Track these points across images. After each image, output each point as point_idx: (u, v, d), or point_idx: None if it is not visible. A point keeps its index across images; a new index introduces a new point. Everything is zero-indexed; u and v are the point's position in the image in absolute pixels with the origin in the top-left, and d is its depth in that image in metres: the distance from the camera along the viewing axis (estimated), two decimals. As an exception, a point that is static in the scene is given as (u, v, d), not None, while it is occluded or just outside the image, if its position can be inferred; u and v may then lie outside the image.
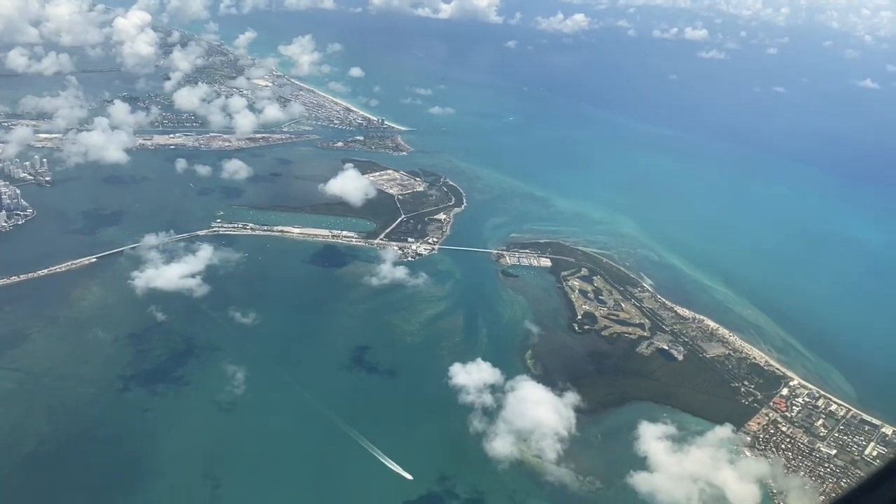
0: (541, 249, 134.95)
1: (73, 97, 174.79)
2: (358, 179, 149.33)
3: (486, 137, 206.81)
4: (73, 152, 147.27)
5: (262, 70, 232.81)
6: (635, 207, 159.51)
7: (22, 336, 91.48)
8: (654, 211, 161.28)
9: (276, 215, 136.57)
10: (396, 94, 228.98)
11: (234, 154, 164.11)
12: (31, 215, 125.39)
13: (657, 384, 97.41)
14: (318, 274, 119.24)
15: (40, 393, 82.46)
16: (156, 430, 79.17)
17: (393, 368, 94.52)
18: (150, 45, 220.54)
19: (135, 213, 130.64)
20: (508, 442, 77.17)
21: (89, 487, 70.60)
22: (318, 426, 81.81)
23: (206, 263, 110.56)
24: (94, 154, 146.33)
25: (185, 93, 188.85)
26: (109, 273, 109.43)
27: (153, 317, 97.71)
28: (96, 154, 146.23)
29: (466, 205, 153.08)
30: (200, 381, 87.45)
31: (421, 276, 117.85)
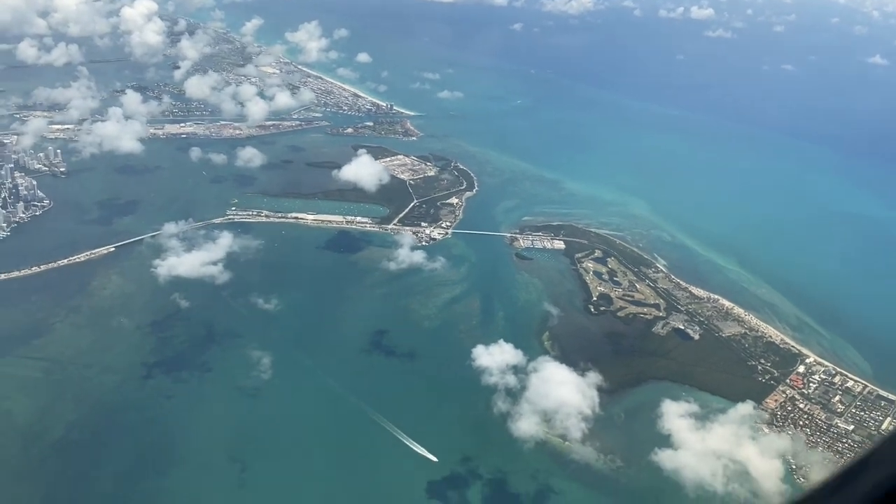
0: (554, 232, 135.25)
1: (85, 88, 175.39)
2: (371, 165, 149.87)
3: (495, 121, 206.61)
4: (88, 143, 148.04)
5: (269, 57, 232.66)
6: (646, 188, 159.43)
7: (46, 326, 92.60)
8: (666, 191, 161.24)
9: (290, 202, 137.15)
10: (404, 79, 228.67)
11: (246, 142, 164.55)
12: (47, 206, 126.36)
13: (674, 363, 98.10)
14: (334, 260, 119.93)
15: (66, 381, 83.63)
16: (181, 416, 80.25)
17: (412, 352, 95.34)
18: (157, 34, 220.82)
19: (150, 202, 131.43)
20: (532, 422, 78.12)
21: (118, 472, 71.72)
22: (340, 410, 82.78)
23: (227, 251, 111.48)
24: (109, 144, 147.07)
25: (195, 81, 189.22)
26: (128, 262, 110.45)
27: (174, 304, 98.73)
28: (111, 144, 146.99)
29: (478, 189, 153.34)
30: (223, 367, 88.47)
31: (436, 260, 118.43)
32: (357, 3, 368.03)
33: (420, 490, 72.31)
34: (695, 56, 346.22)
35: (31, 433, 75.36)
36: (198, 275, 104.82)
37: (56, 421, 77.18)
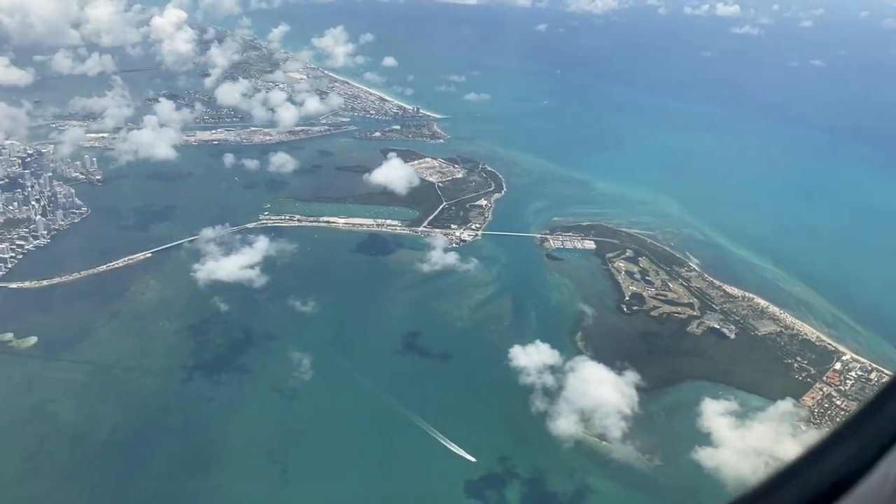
0: (584, 232, 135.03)
1: (119, 96, 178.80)
2: (401, 168, 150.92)
3: (522, 122, 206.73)
4: (124, 150, 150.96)
5: (297, 63, 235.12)
6: (677, 187, 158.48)
7: (88, 330, 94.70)
8: (696, 190, 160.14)
9: (321, 206, 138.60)
10: (431, 82, 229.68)
11: (276, 147, 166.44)
12: (85, 213, 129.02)
13: (710, 362, 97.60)
14: (367, 262, 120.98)
15: (109, 384, 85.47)
16: (221, 418, 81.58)
17: (446, 353, 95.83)
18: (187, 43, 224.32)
19: (184, 208, 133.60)
20: (571, 421, 78.29)
21: (162, 473, 73.10)
22: (377, 410, 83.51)
23: (263, 255, 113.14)
24: (144, 152, 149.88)
25: (226, 88, 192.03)
26: (166, 267, 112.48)
27: (212, 308, 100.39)
28: (146, 152, 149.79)
29: (506, 190, 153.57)
30: (261, 370, 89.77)
31: (466, 262, 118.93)
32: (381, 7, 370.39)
33: (458, 490, 72.72)
34: (721, 53, 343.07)
35: (77, 435, 77.19)
36: (235, 278, 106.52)
37: (101, 423, 78.94)
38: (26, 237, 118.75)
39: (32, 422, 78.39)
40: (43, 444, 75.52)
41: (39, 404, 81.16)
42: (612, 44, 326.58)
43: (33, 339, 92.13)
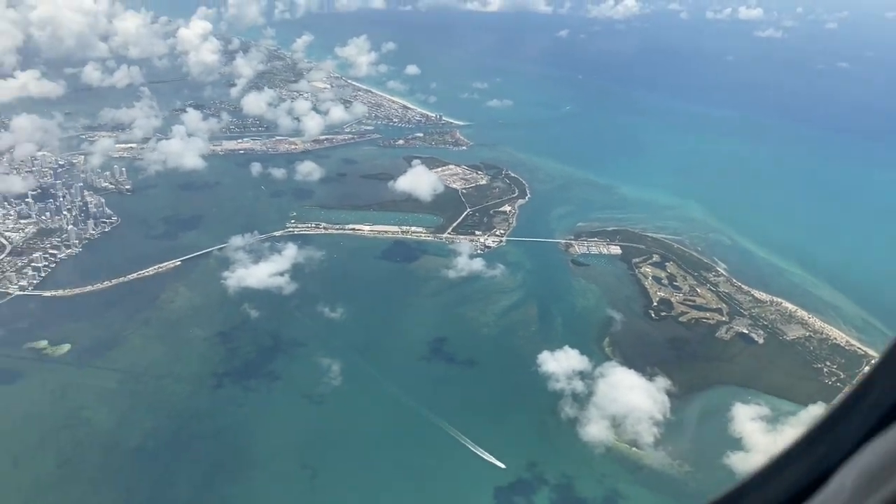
0: (609, 237, 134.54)
1: (148, 107, 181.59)
2: (426, 175, 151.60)
3: (545, 128, 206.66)
4: (153, 160, 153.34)
5: (320, 73, 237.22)
6: (702, 191, 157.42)
7: (119, 338, 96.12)
8: (722, 194, 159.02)
9: (347, 213, 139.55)
10: (453, 90, 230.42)
11: (301, 156, 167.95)
12: (115, 222, 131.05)
13: (740, 368, 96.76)
14: (392, 269, 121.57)
15: (141, 391, 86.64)
16: (251, 424, 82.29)
17: (472, 359, 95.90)
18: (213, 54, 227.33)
19: (212, 216, 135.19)
20: (601, 427, 78.01)
21: (193, 479, 73.95)
22: (405, 417, 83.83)
23: (291, 262, 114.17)
24: (173, 161, 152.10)
25: (252, 98, 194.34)
26: (195, 275, 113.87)
27: (242, 315, 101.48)
28: (174, 161, 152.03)
29: (530, 196, 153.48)
30: (290, 376, 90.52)
31: (491, 268, 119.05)
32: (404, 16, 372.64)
33: (488, 496, 72.70)
34: (745, 56, 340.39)
35: (111, 441, 78.35)
36: (264, 286, 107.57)
37: (133, 429, 80.00)
38: (59, 246, 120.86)
39: (67, 428, 79.70)
40: (77, 449, 76.77)
41: (73, 411, 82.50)
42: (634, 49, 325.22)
43: (67, 347, 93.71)
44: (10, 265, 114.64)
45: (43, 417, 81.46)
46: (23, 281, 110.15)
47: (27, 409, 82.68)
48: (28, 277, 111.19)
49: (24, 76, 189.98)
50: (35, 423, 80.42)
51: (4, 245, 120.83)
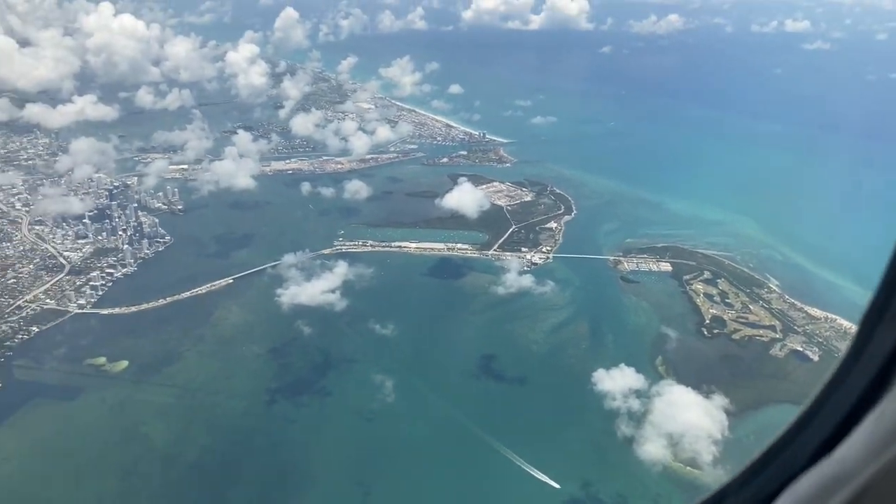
0: (659, 254, 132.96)
1: (199, 129, 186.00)
2: (472, 192, 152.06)
3: (590, 144, 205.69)
4: (205, 181, 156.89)
5: (365, 93, 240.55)
6: (753, 206, 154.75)
7: (175, 355, 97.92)
8: (773, 209, 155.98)
9: (393, 231, 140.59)
10: (496, 108, 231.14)
11: (348, 175, 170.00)
12: (168, 242, 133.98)
13: (795, 386, 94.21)
14: (439, 286, 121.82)
15: (197, 407, 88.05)
16: (305, 440, 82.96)
17: (522, 376, 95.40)
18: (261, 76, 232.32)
19: (262, 235, 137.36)
20: (658, 446, 76.72)
21: (250, 495, 74.78)
22: (457, 434, 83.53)
23: (342, 279, 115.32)
24: (224, 182, 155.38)
25: (300, 119, 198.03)
26: (247, 292, 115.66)
27: (293, 332, 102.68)
28: (225, 182, 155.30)
29: (576, 212, 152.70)
30: (341, 392, 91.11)
31: (539, 285, 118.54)
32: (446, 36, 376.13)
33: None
34: (793, 69, 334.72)
35: (168, 456, 79.61)
36: (315, 303, 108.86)
37: (190, 445, 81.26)
38: (115, 266, 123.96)
39: (126, 443, 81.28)
40: (137, 464, 78.17)
41: (132, 426, 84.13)
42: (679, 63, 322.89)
43: (124, 363, 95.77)
44: (69, 284, 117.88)
45: (103, 432, 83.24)
46: (81, 299, 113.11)
47: (88, 424, 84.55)
48: (86, 296, 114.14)
49: (81, 101, 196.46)
50: (96, 438, 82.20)
51: (63, 265, 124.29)
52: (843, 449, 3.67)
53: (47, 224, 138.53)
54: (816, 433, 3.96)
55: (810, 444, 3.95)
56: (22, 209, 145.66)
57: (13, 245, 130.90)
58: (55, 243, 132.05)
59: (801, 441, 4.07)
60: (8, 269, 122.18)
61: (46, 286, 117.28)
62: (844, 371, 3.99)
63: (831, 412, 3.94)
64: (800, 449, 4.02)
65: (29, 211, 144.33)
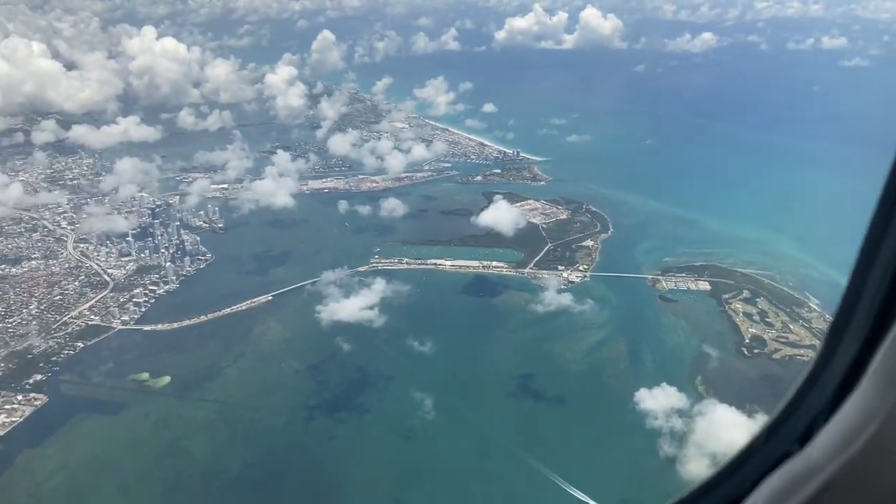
0: (697, 272, 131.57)
1: (239, 149, 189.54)
2: (506, 210, 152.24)
3: (625, 162, 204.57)
4: (245, 199, 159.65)
5: (400, 113, 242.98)
6: (792, 225, 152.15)
7: (216, 370, 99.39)
8: (813, 228, 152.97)
9: (428, 249, 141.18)
10: (531, 126, 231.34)
11: (383, 194, 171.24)
12: (209, 259, 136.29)
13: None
14: (475, 304, 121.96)
15: (238, 422, 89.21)
16: (344, 457, 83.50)
17: (561, 396, 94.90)
18: (300, 97, 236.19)
19: (300, 252, 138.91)
20: (702, 465, 75.64)
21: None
22: (495, 454, 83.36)
23: (379, 296, 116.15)
24: (263, 201, 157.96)
25: (337, 139, 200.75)
26: (286, 309, 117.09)
27: (331, 348, 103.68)
28: (265, 200, 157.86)
29: (613, 230, 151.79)
30: (379, 410, 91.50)
31: (576, 303, 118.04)
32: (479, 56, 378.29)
33: (582, 536, 71.36)
34: (831, 87, 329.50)
35: (210, 471, 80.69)
36: (353, 320, 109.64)
37: (231, 460, 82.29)
38: (157, 283, 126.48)
39: (169, 457, 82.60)
40: (180, 478, 79.40)
41: (175, 441, 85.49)
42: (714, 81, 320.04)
43: (167, 379, 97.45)
44: (112, 301, 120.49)
45: (146, 447, 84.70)
46: (125, 316, 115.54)
47: (131, 438, 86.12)
48: (130, 312, 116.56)
49: (125, 122, 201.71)
50: (139, 452, 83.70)
51: (107, 282, 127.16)
52: (811, 447, 3.96)
53: (92, 242, 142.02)
54: (789, 432, 4.26)
55: (783, 442, 4.23)
56: (67, 227, 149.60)
57: (59, 262, 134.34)
58: (99, 261, 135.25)
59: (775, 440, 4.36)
60: (54, 286, 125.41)
61: (91, 302, 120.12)
62: (814, 376, 4.32)
63: (802, 413, 4.26)
64: (774, 447, 4.28)
65: (74, 229, 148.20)
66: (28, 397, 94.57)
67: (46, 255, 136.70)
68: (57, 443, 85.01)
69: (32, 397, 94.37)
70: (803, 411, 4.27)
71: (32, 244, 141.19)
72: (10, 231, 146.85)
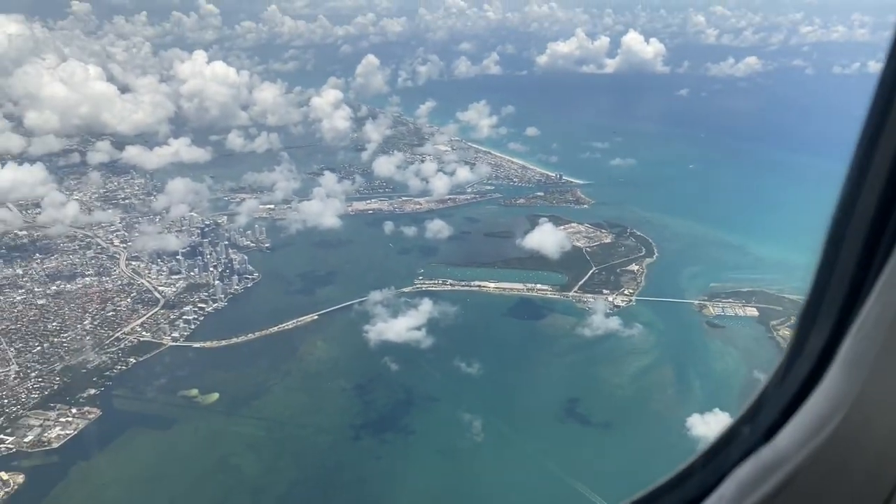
0: (744, 298, 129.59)
1: (287, 171, 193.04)
2: (552, 233, 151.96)
3: (669, 186, 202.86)
4: (293, 220, 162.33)
5: (443, 136, 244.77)
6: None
7: (263, 388, 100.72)
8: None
9: (472, 271, 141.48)
10: (574, 150, 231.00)
11: (426, 215, 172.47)
12: (256, 278, 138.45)
13: None
14: (520, 326, 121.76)
15: (285, 440, 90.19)
16: (391, 477, 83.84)
17: (608, 421, 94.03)
18: (345, 120, 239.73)
19: (345, 273, 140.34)
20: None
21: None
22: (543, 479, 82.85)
23: (426, 317, 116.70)
24: (310, 221, 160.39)
25: (381, 161, 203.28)
26: (331, 328, 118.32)
27: (377, 368, 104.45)
28: (312, 221, 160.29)
29: (658, 255, 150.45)
30: (425, 431, 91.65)
31: (622, 328, 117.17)
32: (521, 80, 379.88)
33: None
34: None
35: (259, 488, 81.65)
36: (400, 340, 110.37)
37: (280, 477, 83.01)
38: (206, 300, 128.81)
39: (219, 473, 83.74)
40: (229, 495, 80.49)
41: (224, 457, 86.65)
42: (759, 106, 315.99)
43: (215, 396, 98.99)
44: (163, 317, 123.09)
45: (196, 462, 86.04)
46: (175, 332, 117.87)
47: (181, 453, 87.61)
48: (180, 329, 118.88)
49: (176, 143, 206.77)
50: (189, 468, 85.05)
51: (158, 299, 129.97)
52: (779, 437, 4.05)
53: (143, 260, 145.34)
54: (759, 424, 4.34)
55: (753, 434, 4.31)
56: (120, 245, 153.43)
57: (112, 279, 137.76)
58: (150, 278, 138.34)
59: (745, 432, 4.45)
60: (107, 303, 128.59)
61: (142, 319, 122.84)
62: (784, 368, 4.42)
63: (772, 405, 4.33)
64: (744, 440, 4.37)
65: (126, 247, 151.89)
66: (82, 411, 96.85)
67: (100, 271, 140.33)
68: (110, 456, 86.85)
69: (86, 411, 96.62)
70: (773, 403, 4.34)
71: (86, 261, 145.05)
72: (65, 248, 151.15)
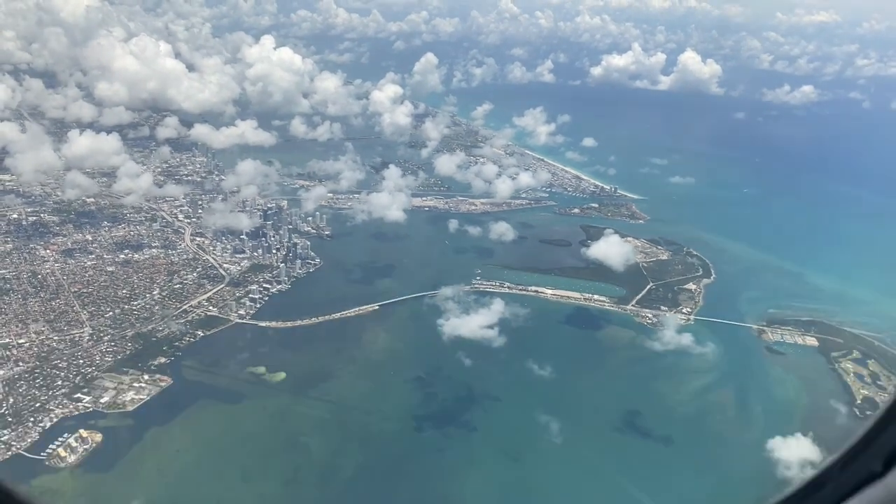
0: (804, 327, 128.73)
1: (351, 161, 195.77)
2: (614, 246, 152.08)
3: (725, 208, 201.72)
4: (358, 210, 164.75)
5: (499, 140, 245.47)
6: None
7: (329, 372, 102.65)
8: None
9: (528, 275, 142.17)
10: (632, 164, 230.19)
11: (481, 217, 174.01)
12: (318, 264, 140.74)
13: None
14: (579, 335, 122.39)
15: (352, 424, 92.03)
16: (453, 471, 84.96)
17: (669, 436, 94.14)
18: (406, 116, 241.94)
19: (403, 266, 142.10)
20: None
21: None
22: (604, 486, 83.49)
23: (485, 318, 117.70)
24: (371, 213, 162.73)
25: (442, 160, 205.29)
26: (391, 320, 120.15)
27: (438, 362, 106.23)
28: (372, 213, 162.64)
29: (715, 276, 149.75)
30: (487, 429, 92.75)
31: (682, 346, 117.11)
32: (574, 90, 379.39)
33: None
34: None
35: (327, 469, 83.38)
36: (459, 336, 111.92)
37: (347, 460, 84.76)
38: (271, 281, 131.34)
39: (288, 451, 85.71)
40: (298, 472, 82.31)
41: (292, 436, 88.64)
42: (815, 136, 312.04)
43: (283, 375, 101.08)
44: (229, 294, 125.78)
45: (266, 438, 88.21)
46: (241, 310, 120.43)
47: (251, 428, 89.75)
48: (246, 307, 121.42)
49: (243, 125, 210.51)
50: (259, 443, 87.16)
51: (223, 276, 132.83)
52: (892, 475, 3.99)
53: (207, 237, 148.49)
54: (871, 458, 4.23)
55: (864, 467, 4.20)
56: (184, 220, 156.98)
57: (177, 253, 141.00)
58: (215, 255, 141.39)
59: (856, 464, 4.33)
60: (174, 275, 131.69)
61: (208, 294, 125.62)
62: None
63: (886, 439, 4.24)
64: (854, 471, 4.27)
65: (191, 223, 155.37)
66: (154, 378, 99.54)
67: (166, 244, 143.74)
68: (182, 424, 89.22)
69: (158, 378, 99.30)
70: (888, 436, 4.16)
71: (153, 233, 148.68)
72: (131, 218, 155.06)
